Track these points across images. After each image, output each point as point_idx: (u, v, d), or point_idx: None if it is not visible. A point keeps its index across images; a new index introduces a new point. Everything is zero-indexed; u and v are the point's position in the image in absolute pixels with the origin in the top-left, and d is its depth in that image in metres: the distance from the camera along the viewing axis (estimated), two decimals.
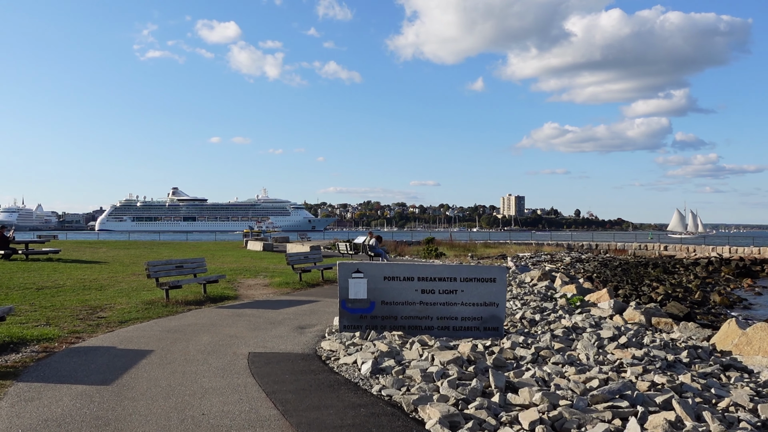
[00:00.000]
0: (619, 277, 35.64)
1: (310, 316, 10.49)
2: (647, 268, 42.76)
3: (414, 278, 8.92)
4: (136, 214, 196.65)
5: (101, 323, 9.27)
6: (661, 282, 34.26)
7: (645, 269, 42.07)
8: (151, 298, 11.85)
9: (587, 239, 68.77)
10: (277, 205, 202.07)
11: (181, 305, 11.33)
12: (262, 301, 12.35)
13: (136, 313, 10.31)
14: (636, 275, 38.29)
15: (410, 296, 8.89)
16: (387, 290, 8.88)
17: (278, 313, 10.72)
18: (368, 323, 8.84)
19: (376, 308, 8.88)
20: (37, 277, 15.89)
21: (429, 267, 9.05)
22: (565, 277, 20.11)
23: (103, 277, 16.36)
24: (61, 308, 10.77)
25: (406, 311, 8.88)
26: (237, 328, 9.09)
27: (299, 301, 12.35)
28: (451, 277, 8.91)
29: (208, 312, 10.71)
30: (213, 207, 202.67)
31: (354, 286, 8.89)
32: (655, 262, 46.92)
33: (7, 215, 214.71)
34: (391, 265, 8.99)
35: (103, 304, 11.41)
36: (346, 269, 8.92)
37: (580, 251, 56.79)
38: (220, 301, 12.31)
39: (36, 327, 8.71)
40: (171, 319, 9.80)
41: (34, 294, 12.67)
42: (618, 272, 39.38)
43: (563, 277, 19.69)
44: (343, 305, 8.88)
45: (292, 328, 9.17)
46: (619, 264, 45.47)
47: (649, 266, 43.50)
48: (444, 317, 8.86)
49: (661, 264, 44.70)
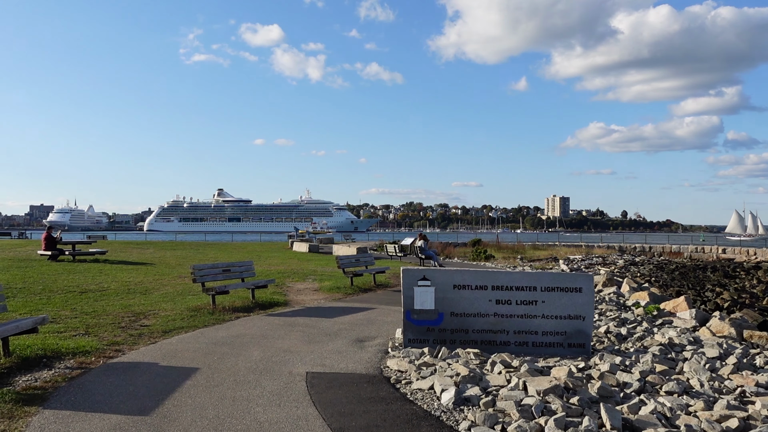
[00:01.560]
0: (678, 281, 33.89)
1: (368, 326, 9.56)
2: (706, 272, 40.74)
3: (488, 287, 7.90)
4: (182, 214, 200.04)
5: (143, 333, 8.52)
6: (724, 287, 32.43)
7: (704, 273, 40.08)
8: (197, 304, 11.12)
9: (639, 241, 66.50)
10: (320, 206, 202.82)
11: (228, 312, 10.55)
12: (313, 308, 11.49)
13: (180, 321, 9.55)
14: (695, 279, 36.41)
15: (483, 307, 7.88)
16: (457, 300, 7.89)
17: (333, 322, 9.82)
18: (436, 337, 7.87)
19: (444, 320, 7.89)
20: (81, 279, 15.41)
21: (504, 274, 8.01)
22: (632, 282, 18.74)
23: (149, 280, 15.79)
24: (103, 314, 10.10)
25: (478, 324, 7.87)
26: (290, 340, 8.21)
27: (353, 309, 11.45)
28: (531, 286, 7.86)
29: (258, 320, 9.89)
30: (257, 208, 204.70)
31: (420, 296, 7.93)
32: (713, 265, 44.72)
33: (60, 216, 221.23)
34: (461, 272, 7.99)
35: (147, 310, 10.72)
36: (410, 276, 7.96)
37: (632, 254, 54.96)
38: (270, 307, 11.50)
39: (73, 337, 8.01)
40: (218, 329, 9.00)
41: (77, 298, 12.09)
42: (676, 276, 37.55)
43: (631, 283, 18.33)
44: (407, 316, 7.92)
45: (351, 341, 8.25)
46: (676, 267, 43.49)
47: (707, 270, 41.44)
48: (522, 331, 7.82)
49: (720, 268, 42.60)
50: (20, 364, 6.41)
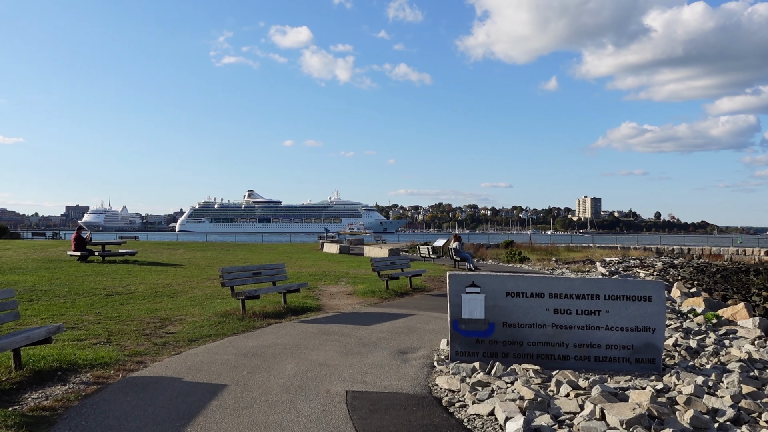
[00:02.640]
0: (721, 285, 32.55)
1: (409, 335, 8.83)
2: (749, 274, 39.10)
3: (544, 295, 7.12)
4: (213, 215, 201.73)
5: (168, 341, 7.91)
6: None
7: (746, 276, 38.48)
8: (226, 309, 10.51)
9: (675, 243, 64.63)
10: (349, 207, 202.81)
11: (258, 318, 9.91)
12: (348, 314, 10.80)
13: (208, 328, 8.94)
14: (738, 283, 34.98)
15: (540, 317, 7.09)
16: (510, 309, 7.13)
17: (370, 330, 9.11)
18: (486, 349, 7.11)
19: (496, 331, 7.13)
20: (109, 281, 14.97)
21: (563, 281, 7.21)
22: (683, 287, 17.69)
23: (177, 282, 15.28)
24: (128, 320, 9.55)
25: (534, 336, 7.09)
26: (325, 351, 7.52)
27: (391, 315, 10.73)
28: (593, 294, 7.05)
29: (290, 328, 9.22)
30: (287, 209, 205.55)
31: (469, 304, 7.18)
32: (756, 268, 43.04)
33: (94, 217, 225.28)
34: (514, 278, 7.22)
35: (174, 315, 10.14)
36: (458, 282, 7.22)
37: (670, 256, 53.39)
38: (302, 312, 10.85)
39: (94, 346, 7.43)
40: (248, 338, 8.36)
41: (103, 301, 11.60)
42: (718, 279, 36.08)
43: (682, 288, 17.30)
44: (455, 326, 7.18)
45: (392, 353, 7.52)
46: (717, 270, 41.89)
47: (750, 273, 39.85)
48: (583, 344, 7.02)
49: (764, 270, 40.93)
50: (32, 377, 5.83)
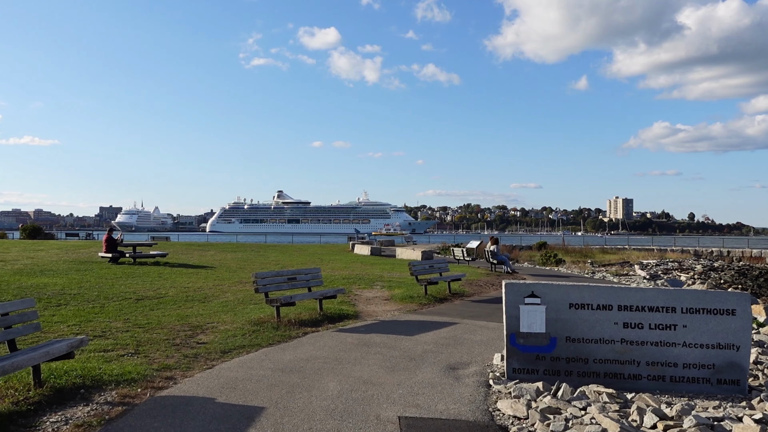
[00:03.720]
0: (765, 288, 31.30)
1: (456, 347, 8.18)
2: None
3: (612, 307, 6.41)
4: (243, 216, 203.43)
5: (200, 353, 7.38)
6: None
7: None
8: (259, 316, 9.97)
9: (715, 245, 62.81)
10: (378, 208, 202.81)
11: (294, 326, 9.35)
12: (388, 323, 10.18)
13: (241, 337, 8.39)
14: None
15: (607, 332, 6.39)
16: (574, 322, 6.44)
17: (414, 341, 8.48)
18: (547, 367, 6.43)
19: (558, 347, 6.45)
20: (139, 284, 14.59)
21: (634, 292, 6.49)
22: None
23: (208, 286, 14.84)
24: (157, 327, 9.07)
25: (601, 352, 6.38)
26: (369, 366, 6.91)
27: (433, 324, 10.08)
28: (668, 306, 6.32)
29: (328, 338, 8.64)
30: (316, 210, 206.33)
31: (528, 316, 6.51)
32: None
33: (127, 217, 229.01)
34: (578, 288, 6.52)
35: (205, 322, 9.64)
36: (515, 292, 6.55)
37: (709, 258, 51.81)
38: (339, 320, 10.26)
39: (121, 358, 6.93)
40: (284, 349, 7.79)
41: (132, 306, 11.17)
42: (761, 283, 34.73)
43: None
44: (512, 341, 6.52)
45: (442, 369, 6.88)
46: (760, 273, 40.30)
47: None
48: (657, 363, 6.29)
49: None
50: (53, 396, 5.32)
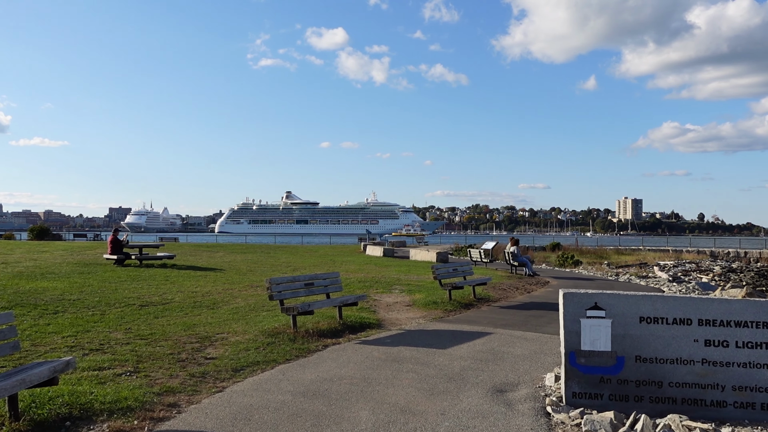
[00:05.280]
0: None
1: (497, 363, 7.22)
2: None
3: (692, 321, 5.45)
4: (252, 217, 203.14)
5: (208, 371, 6.47)
6: None
7: None
8: (274, 326, 9.05)
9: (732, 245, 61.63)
10: (386, 209, 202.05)
11: (312, 338, 8.42)
12: (415, 332, 9.23)
13: (255, 352, 7.47)
14: None
15: (686, 350, 5.42)
16: (645, 339, 5.47)
17: (449, 356, 7.53)
18: (613, 391, 5.47)
19: (626, 367, 5.49)
20: (144, 288, 13.73)
21: (717, 303, 5.51)
22: None
23: (217, 290, 13.95)
24: (161, 339, 8.17)
25: (678, 375, 5.42)
26: (403, 389, 5.97)
27: (465, 334, 9.13)
28: (759, 321, 5.35)
29: (352, 352, 7.70)
30: (324, 210, 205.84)
31: (590, 331, 5.55)
32: None
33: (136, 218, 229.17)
34: (651, 299, 5.56)
35: (214, 332, 8.73)
36: (575, 303, 5.59)
37: (726, 259, 50.81)
38: (361, 330, 9.33)
39: (117, 377, 6.03)
40: (304, 366, 6.86)
41: (135, 313, 10.29)
42: None
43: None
44: (571, 360, 5.56)
45: (488, 392, 5.93)
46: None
47: None
48: (746, 387, 5.32)
49: None
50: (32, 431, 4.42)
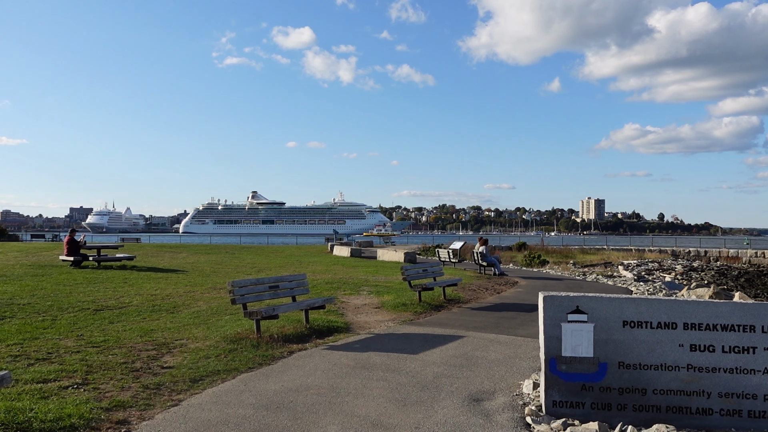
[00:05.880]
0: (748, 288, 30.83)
1: (472, 369, 6.90)
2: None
3: (677, 325, 5.21)
4: (217, 217, 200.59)
5: (163, 382, 6.00)
6: None
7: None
8: (237, 331, 8.59)
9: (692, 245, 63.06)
10: (353, 209, 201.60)
11: (277, 343, 8.00)
12: (385, 336, 8.87)
13: (215, 359, 7.02)
14: (762, 286, 33.34)
15: (671, 356, 5.18)
16: (629, 344, 5.22)
17: (421, 362, 7.19)
18: (596, 399, 5.20)
19: (609, 374, 5.22)
20: (101, 291, 13.10)
21: (702, 306, 5.27)
22: (745, 296, 15.75)
23: (178, 293, 13.39)
24: (115, 346, 7.66)
25: (662, 381, 5.17)
26: (374, 399, 5.60)
27: (436, 338, 8.80)
28: (745, 324, 5.13)
29: (319, 359, 7.30)
30: (291, 210, 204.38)
31: (572, 336, 5.27)
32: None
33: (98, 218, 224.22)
34: (635, 302, 5.30)
35: (172, 338, 8.24)
36: (556, 306, 5.31)
37: (687, 258, 51.95)
38: (328, 334, 8.93)
39: (62, 392, 5.52)
40: (267, 375, 6.44)
41: (89, 319, 9.71)
42: (742, 283, 34.51)
43: (744, 297, 15.35)
44: (551, 367, 5.27)
45: (464, 401, 5.60)
46: (739, 273, 40.37)
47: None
48: (732, 394, 5.10)
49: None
50: None
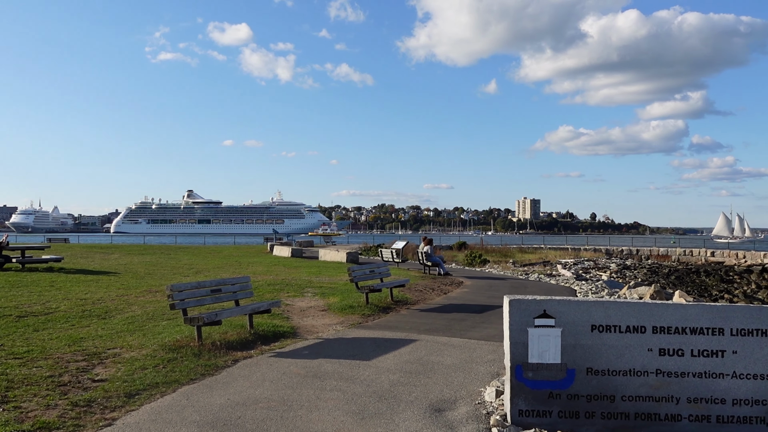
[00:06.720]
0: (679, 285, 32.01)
1: (429, 376, 6.60)
2: (700, 275, 39.30)
3: (645, 329, 5.04)
4: (151, 216, 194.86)
5: (95, 398, 5.44)
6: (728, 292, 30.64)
7: (698, 277, 38.64)
8: (176, 338, 8.01)
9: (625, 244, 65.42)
10: (292, 208, 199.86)
11: (221, 351, 7.49)
12: (334, 341, 8.48)
13: (153, 371, 6.47)
14: (691, 283, 34.70)
15: (639, 360, 5.01)
16: (597, 349, 5.01)
17: (375, 369, 6.83)
18: (563, 407, 4.97)
19: (577, 381, 5.00)
20: (25, 296, 12.17)
21: (671, 309, 5.12)
22: (686, 295, 16.12)
23: (110, 297, 12.60)
24: (40, 357, 6.98)
25: (631, 387, 4.99)
26: (329, 412, 5.21)
27: (388, 342, 8.47)
28: (715, 327, 5.01)
29: (266, 367, 6.84)
30: (228, 210, 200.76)
31: (538, 342, 5.03)
32: (705, 269, 43.51)
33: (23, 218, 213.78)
34: (603, 306, 5.10)
35: (105, 348, 7.60)
36: (522, 311, 5.05)
37: (620, 257, 53.83)
38: (274, 339, 8.47)
39: None
40: (211, 387, 5.95)
41: (11, 327, 8.91)
42: (672, 280, 35.89)
43: (685, 296, 15.71)
44: (518, 374, 5.02)
45: (425, 412, 5.28)
46: (670, 271, 41.99)
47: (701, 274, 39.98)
48: (701, 399, 4.97)
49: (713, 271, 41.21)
50: None
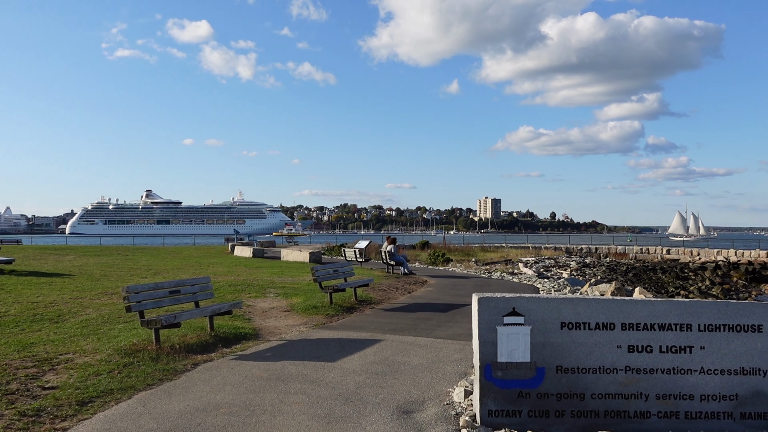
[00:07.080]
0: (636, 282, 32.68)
1: (396, 376, 6.46)
2: (656, 272, 40.23)
3: (614, 325, 5.00)
4: (108, 217, 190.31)
5: (45, 407, 5.15)
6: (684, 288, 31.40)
7: (655, 274, 39.53)
8: (132, 342, 7.71)
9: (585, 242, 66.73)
10: (253, 208, 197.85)
11: (180, 355, 7.22)
12: (298, 343, 8.28)
13: (108, 376, 6.18)
14: (649, 280, 35.47)
15: (609, 357, 4.96)
16: (567, 347, 4.95)
17: (340, 370, 6.67)
18: (533, 407, 4.90)
19: (547, 379, 4.93)
20: None
21: (639, 305, 5.09)
22: (646, 292, 16.37)
23: (64, 299, 12.13)
24: None
25: (601, 385, 4.94)
26: (294, 417, 5.03)
27: (353, 343, 8.31)
28: (683, 323, 5.00)
29: (227, 371, 6.62)
30: (188, 210, 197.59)
31: (508, 341, 4.94)
32: (661, 266, 44.63)
33: None
34: (572, 302, 5.04)
35: (57, 353, 7.26)
36: (491, 309, 4.96)
37: (579, 255, 54.74)
38: (236, 342, 8.23)
39: None
40: (170, 393, 5.70)
41: None
42: (630, 278, 36.59)
43: (645, 293, 15.96)
44: (487, 374, 4.92)
45: (393, 414, 5.14)
46: (627, 268, 42.80)
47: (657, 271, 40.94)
48: (669, 395, 4.95)
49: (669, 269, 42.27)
50: None
